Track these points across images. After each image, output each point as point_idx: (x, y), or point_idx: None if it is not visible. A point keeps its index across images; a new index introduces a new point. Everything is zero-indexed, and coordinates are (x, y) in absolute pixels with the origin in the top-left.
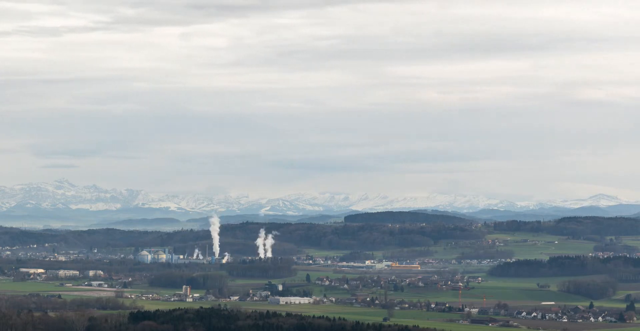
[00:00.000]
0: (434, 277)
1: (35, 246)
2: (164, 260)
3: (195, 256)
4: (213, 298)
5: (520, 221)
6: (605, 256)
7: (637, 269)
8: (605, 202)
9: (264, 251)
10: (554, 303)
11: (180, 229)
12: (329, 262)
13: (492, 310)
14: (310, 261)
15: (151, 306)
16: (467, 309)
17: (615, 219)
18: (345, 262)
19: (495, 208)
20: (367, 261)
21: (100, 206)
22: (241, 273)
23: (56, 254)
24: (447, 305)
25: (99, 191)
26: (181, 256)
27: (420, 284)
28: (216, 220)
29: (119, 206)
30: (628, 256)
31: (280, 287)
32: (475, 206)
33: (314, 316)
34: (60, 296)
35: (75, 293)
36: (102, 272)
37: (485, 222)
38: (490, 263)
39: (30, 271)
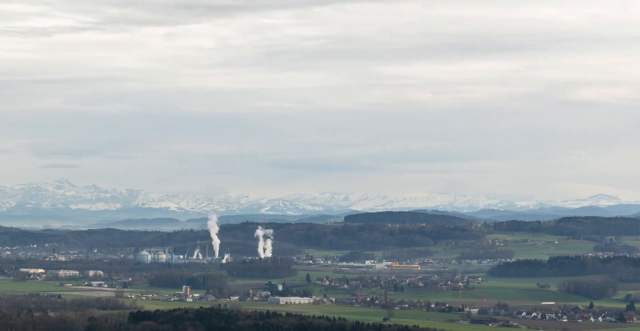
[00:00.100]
0: (434, 277)
1: (35, 246)
2: (164, 260)
3: (195, 256)
4: (213, 298)
5: (520, 221)
6: (605, 256)
7: (637, 269)
8: (605, 202)
9: (263, 249)
10: (554, 303)
11: (180, 229)
12: (329, 262)
13: (492, 310)
14: (310, 261)
15: (151, 306)
16: (467, 309)
17: (615, 219)
18: (345, 262)
19: (495, 208)
20: (367, 261)
21: (100, 206)
22: (241, 273)
23: (56, 254)
24: (447, 305)
25: (99, 191)
26: (181, 256)
27: (420, 284)
28: (213, 219)
29: (119, 206)
30: (628, 256)
31: (280, 287)
32: (475, 206)
33: (314, 316)
34: (60, 296)
35: (75, 293)
36: (102, 272)
37: (485, 222)
38: (490, 263)
39: (30, 271)
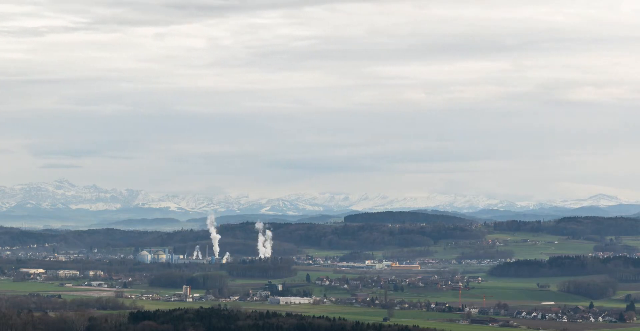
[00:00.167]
0: (434, 277)
1: (35, 246)
2: (164, 260)
3: (195, 256)
4: (213, 298)
5: (520, 221)
6: (605, 256)
7: (637, 269)
8: (605, 202)
9: (263, 243)
10: (554, 303)
11: (180, 229)
12: (329, 262)
13: (492, 310)
14: (310, 261)
15: (151, 306)
16: (467, 309)
17: (615, 219)
18: (345, 262)
19: (495, 208)
20: (367, 261)
21: (100, 206)
22: (241, 273)
23: (56, 254)
24: (447, 305)
25: (99, 191)
26: (181, 256)
27: (420, 284)
28: (211, 218)
29: (119, 206)
30: (628, 256)
31: (280, 287)
32: (475, 206)
33: (314, 316)
34: (60, 296)
35: (75, 293)
36: (102, 272)
37: (485, 222)
38: (490, 263)
39: (30, 271)
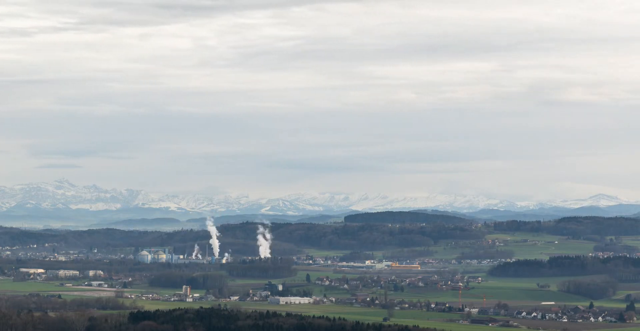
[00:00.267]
0: (434, 277)
1: (35, 246)
2: (164, 260)
3: (194, 256)
4: (213, 298)
5: (520, 221)
6: (605, 256)
7: (637, 269)
8: (605, 202)
9: (265, 247)
10: (554, 303)
11: (180, 229)
12: (329, 262)
13: (492, 310)
14: (310, 261)
15: (151, 306)
16: (467, 309)
17: (615, 219)
18: (345, 262)
19: (495, 208)
20: (367, 261)
21: (100, 206)
22: (241, 273)
23: (56, 254)
24: (447, 305)
25: (99, 191)
26: (181, 256)
27: (420, 284)
28: (211, 223)
29: (119, 206)
30: (628, 256)
31: (280, 287)
32: (475, 206)
33: (314, 316)
34: (60, 296)
35: (75, 293)
36: (102, 272)
37: (485, 222)
38: (490, 263)
39: (30, 271)
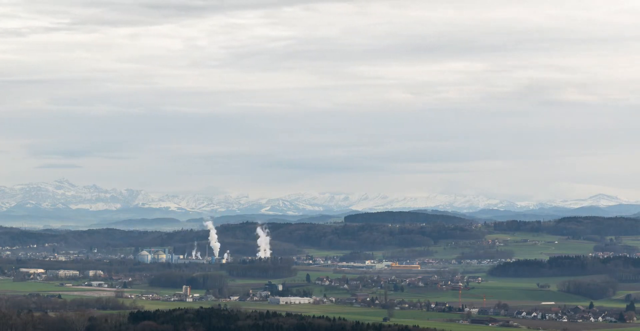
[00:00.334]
0: (434, 277)
1: (35, 246)
2: (164, 260)
3: (194, 256)
4: (213, 298)
5: (520, 221)
6: (605, 256)
7: (637, 269)
8: (605, 202)
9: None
10: (554, 303)
11: (180, 229)
12: (329, 262)
13: (492, 310)
14: (310, 261)
15: (151, 306)
16: (467, 309)
17: (615, 219)
18: (345, 262)
19: (495, 208)
20: (367, 261)
21: (100, 206)
22: (241, 273)
23: (56, 254)
24: (447, 305)
25: (99, 191)
26: (181, 256)
27: (420, 284)
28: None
29: (119, 206)
30: (628, 256)
31: (280, 287)
32: (475, 206)
33: (314, 316)
34: (60, 296)
35: (75, 293)
36: (102, 272)
37: (485, 222)
38: (490, 263)
39: (30, 271)
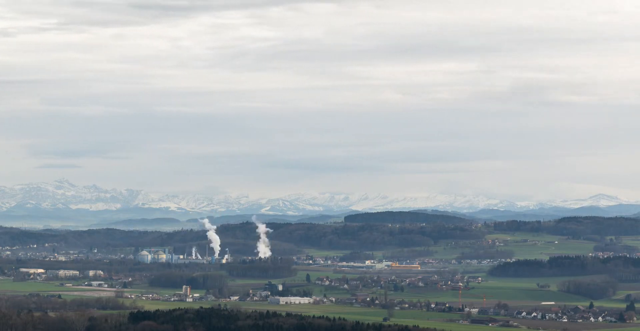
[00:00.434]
0: (434, 277)
1: (35, 246)
2: (164, 260)
3: (194, 256)
4: (213, 298)
5: (520, 221)
6: (605, 256)
7: (637, 269)
8: (605, 202)
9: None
10: (554, 303)
11: (180, 229)
12: (329, 262)
13: (492, 310)
14: (310, 261)
15: (151, 306)
16: (467, 309)
17: (615, 219)
18: (345, 262)
19: (495, 208)
20: (367, 261)
21: (100, 206)
22: (241, 273)
23: (56, 254)
24: (447, 305)
25: (99, 191)
26: (181, 256)
27: (420, 284)
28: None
29: (119, 206)
30: (628, 256)
31: (280, 287)
32: (475, 206)
33: (314, 316)
34: (60, 296)
35: (75, 293)
36: (102, 272)
37: (485, 222)
38: (490, 263)
39: (30, 271)
